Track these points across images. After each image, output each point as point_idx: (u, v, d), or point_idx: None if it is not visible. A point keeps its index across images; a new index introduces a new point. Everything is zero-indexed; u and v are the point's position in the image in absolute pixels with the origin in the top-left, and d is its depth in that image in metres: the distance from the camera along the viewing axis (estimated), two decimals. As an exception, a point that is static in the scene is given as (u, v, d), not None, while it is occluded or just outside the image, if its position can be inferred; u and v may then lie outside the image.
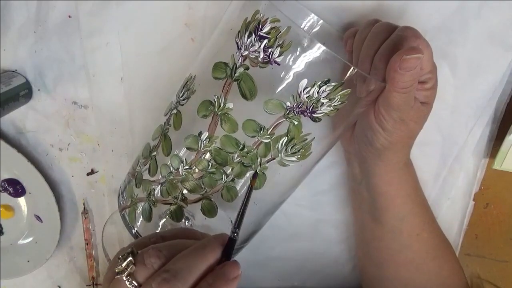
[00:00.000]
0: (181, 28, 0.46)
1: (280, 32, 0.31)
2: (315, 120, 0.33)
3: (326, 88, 0.32)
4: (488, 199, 0.49)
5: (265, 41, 0.31)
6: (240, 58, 0.33)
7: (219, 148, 0.34)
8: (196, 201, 0.36)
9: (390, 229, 0.42)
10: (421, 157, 0.46)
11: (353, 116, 0.36)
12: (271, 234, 0.53)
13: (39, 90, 0.53)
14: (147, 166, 0.38)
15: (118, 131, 0.53)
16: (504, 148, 0.43)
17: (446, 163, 0.47)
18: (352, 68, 0.31)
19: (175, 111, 0.37)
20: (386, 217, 0.42)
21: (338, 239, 0.53)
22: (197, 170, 0.35)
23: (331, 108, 0.33)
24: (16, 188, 0.58)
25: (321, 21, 0.41)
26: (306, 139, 0.34)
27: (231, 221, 0.32)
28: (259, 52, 0.32)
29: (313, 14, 0.41)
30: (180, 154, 0.36)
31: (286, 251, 0.55)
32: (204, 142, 0.35)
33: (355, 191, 0.46)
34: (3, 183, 0.58)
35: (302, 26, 0.41)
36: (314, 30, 0.42)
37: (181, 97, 0.37)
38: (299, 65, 0.31)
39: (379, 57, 0.34)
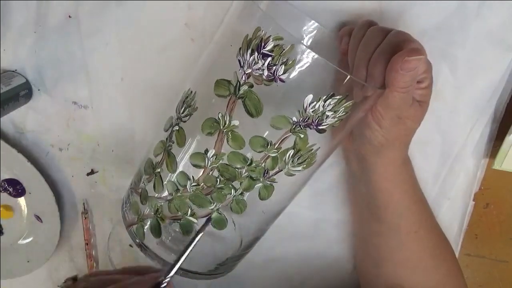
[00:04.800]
0: (181, 28, 0.46)
1: (284, 50, 0.30)
2: (320, 131, 0.33)
3: (331, 102, 0.32)
4: (488, 199, 0.49)
5: (269, 59, 0.31)
6: (244, 76, 0.32)
7: (227, 164, 0.34)
8: (205, 216, 0.36)
9: (389, 226, 0.42)
10: (420, 157, 0.46)
11: (355, 121, 0.36)
12: (271, 234, 0.52)
13: (39, 90, 0.53)
14: (152, 182, 0.38)
15: (118, 131, 0.53)
16: (504, 148, 0.43)
17: (446, 163, 0.47)
18: (348, 77, 0.31)
19: (177, 127, 0.36)
20: (384, 213, 0.42)
21: (338, 239, 0.53)
22: (205, 186, 0.35)
23: (336, 119, 0.33)
24: (16, 188, 0.58)
25: (317, 25, 0.41)
26: (312, 149, 0.35)
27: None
28: (263, 70, 0.31)
29: (309, 18, 0.41)
30: (186, 171, 0.35)
31: (286, 251, 0.55)
32: (211, 159, 0.34)
33: (354, 189, 0.46)
34: (3, 183, 0.58)
35: (298, 31, 0.41)
36: (311, 35, 0.41)
37: (182, 113, 0.36)
38: (303, 79, 0.31)
39: (373, 63, 0.34)
